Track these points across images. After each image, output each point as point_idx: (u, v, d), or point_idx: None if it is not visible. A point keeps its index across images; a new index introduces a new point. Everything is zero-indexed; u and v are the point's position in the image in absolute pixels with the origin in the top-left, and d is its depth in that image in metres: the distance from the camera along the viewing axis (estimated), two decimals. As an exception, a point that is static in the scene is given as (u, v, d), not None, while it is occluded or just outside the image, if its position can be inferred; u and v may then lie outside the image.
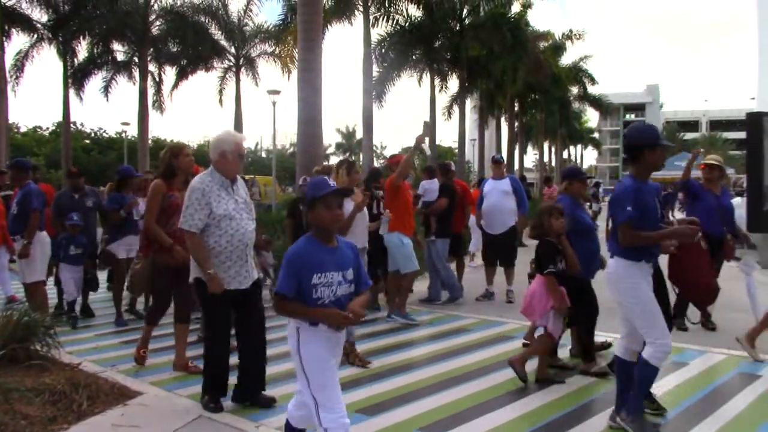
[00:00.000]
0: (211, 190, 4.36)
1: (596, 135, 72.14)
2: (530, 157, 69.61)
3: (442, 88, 27.29)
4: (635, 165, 3.89)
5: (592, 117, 64.88)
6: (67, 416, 4.17)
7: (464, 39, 25.25)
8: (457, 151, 29.26)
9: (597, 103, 43.72)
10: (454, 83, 27.92)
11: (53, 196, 8.19)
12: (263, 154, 66.20)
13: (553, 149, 54.99)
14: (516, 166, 40.31)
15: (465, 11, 25.55)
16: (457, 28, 25.53)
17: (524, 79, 29.09)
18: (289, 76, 27.46)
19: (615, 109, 44.70)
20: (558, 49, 34.79)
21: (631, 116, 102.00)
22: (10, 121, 25.05)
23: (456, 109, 28.94)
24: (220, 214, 4.34)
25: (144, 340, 5.57)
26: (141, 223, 7.32)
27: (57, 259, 7.32)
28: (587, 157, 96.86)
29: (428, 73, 26.33)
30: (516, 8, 26.69)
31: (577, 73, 39.14)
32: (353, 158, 69.31)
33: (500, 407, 4.49)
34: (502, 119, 38.09)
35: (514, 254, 8.71)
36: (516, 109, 37.76)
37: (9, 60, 22.56)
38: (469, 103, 31.26)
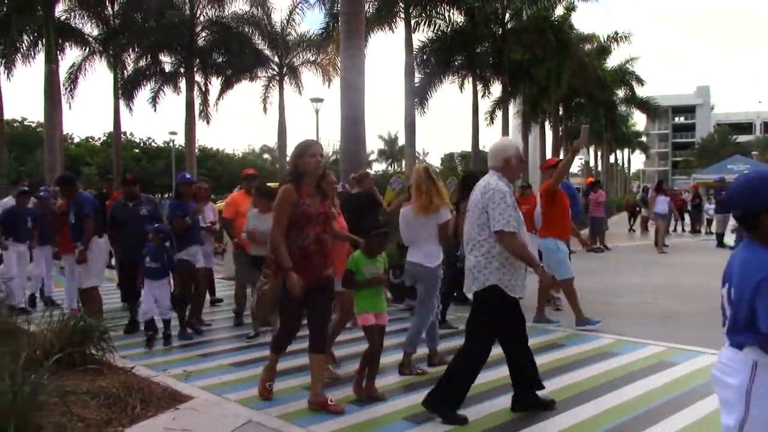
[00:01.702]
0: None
1: (644, 138, 70.61)
2: (575, 162, 68.57)
3: (484, 93, 27.16)
4: (757, 233, 2.33)
5: (639, 120, 63.65)
6: (122, 419, 4.28)
7: (507, 43, 25.12)
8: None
9: (644, 105, 42.90)
10: (496, 88, 27.80)
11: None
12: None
13: (599, 153, 54.09)
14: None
15: (507, 15, 25.40)
16: (500, 32, 25.39)
17: (568, 82, 28.75)
18: (330, 84, 27.76)
19: (663, 112, 43.81)
20: (603, 51, 34.25)
21: (680, 119, 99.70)
22: (65, 132, 25.82)
23: (499, 114, 28.74)
24: (518, 217, 4.25)
25: (269, 371, 4.88)
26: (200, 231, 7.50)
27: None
28: (635, 161, 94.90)
29: (470, 79, 26.24)
30: (559, 11, 26.42)
31: (624, 76, 38.48)
32: (396, 165, 69.62)
33: (554, 415, 4.42)
34: (546, 124, 37.66)
35: None
36: (560, 113, 37.29)
37: (63, 73, 23.32)
38: (512, 108, 30.97)
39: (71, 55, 48.44)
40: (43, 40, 21.19)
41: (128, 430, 4.13)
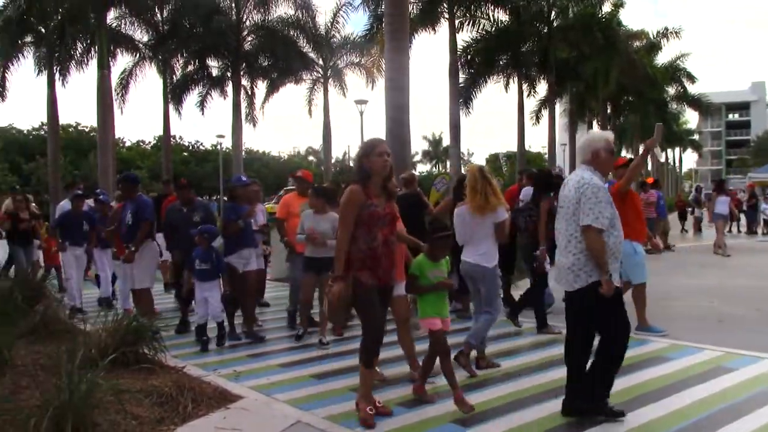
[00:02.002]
0: None
1: (696, 137, 68.73)
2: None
3: (530, 92, 26.89)
4: None
5: (691, 118, 61.99)
6: (174, 418, 4.35)
7: (553, 41, 24.77)
8: (546, 156, 28.63)
9: (696, 103, 41.69)
10: (542, 87, 27.46)
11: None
12: (351, 163, 67.20)
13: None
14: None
15: (553, 13, 25.05)
16: (545, 30, 25.05)
17: (617, 80, 28.14)
18: (373, 86, 27.85)
19: (716, 109, 42.45)
20: (653, 48, 33.47)
21: (734, 116, 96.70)
22: (117, 136, 26.54)
23: (545, 113, 28.39)
24: (613, 212, 4.16)
25: (366, 389, 4.42)
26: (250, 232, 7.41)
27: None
28: (686, 160, 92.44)
29: (515, 78, 25.97)
30: (607, 8, 25.93)
31: (674, 72, 37.52)
32: (440, 166, 69.42)
33: (605, 421, 4.32)
34: (594, 122, 36.99)
35: None
36: (608, 111, 36.59)
37: (114, 79, 23.97)
38: (558, 107, 30.57)
39: (122, 61, 49.85)
40: (96, 47, 21.83)
41: (180, 429, 4.20)
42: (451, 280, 4.95)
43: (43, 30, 22.76)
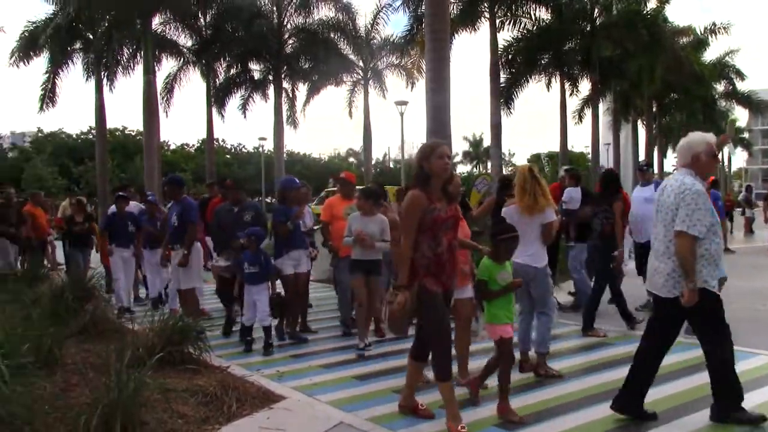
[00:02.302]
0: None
1: (746, 135, 66.69)
2: (670, 161, 65.76)
3: (572, 91, 26.42)
4: None
5: (740, 116, 60.17)
6: (218, 417, 4.40)
7: (596, 39, 24.31)
8: (589, 156, 28.16)
9: (746, 100, 40.38)
10: (585, 86, 26.97)
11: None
12: (391, 165, 67.30)
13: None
14: (655, 171, 38.12)
15: (596, 11, 24.60)
16: (588, 28, 24.61)
17: (662, 78, 27.48)
18: (413, 87, 27.78)
19: (767, 107, 41.01)
20: (700, 44, 32.54)
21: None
22: (162, 140, 27.07)
23: (588, 112, 27.89)
24: (713, 220, 4.04)
25: (451, 405, 4.21)
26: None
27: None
28: (736, 159, 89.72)
29: (558, 77, 25.59)
30: (652, 4, 25.31)
31: (723, 69, 36.43)
32: (480, 166, 68.98)
33: (656, 426, 4.21)
34: (639, 121, 36.22)
35: None
36: (654, 110, 35.78)
37: (160, 83, 24.44)
38: (602, 106, 29.97)
39: (167, 65, 51.10)
40: (142, 53, 22.30)
41: (225, 428, 4.25)
42: (519, 279, 4.86)
43: (91, 37, 23.30)
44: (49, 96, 23.96)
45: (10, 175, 42.39)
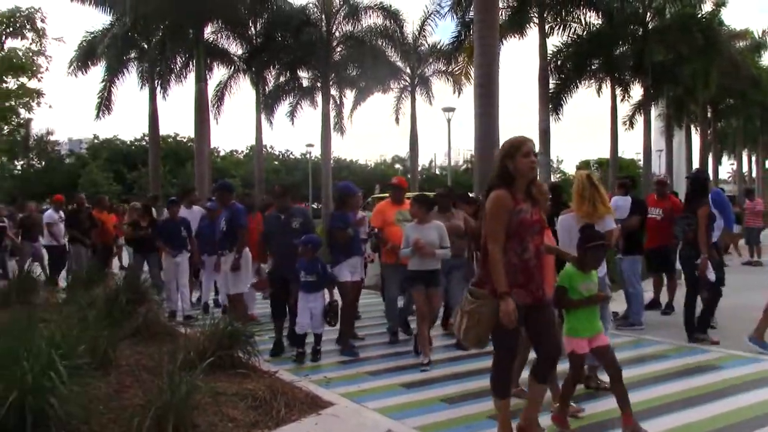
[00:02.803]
0: None
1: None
2: (725, 168, 63.82)
3: (624, 96, 25.88)
4: None
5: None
6: (267, 421, 4.44)
7: (648, 44, 23.78)
8: (641, 163, 27.52)
9: (806, 105, 38.92)
10: (636, 91, 26.38)
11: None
12: (437, 171, 67.13)
13: (753, 158, 49.81)
14: (710, 178, 36.97)
15: (649, 15, 24.07)
16: (640, 32, 24.10)
17: (718, 82, 26.68)
18: (459, 93, 27.64)
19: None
20: (758, 47, 31.58)
21: None
22: (212, 146, 27.59)
23: (639, 118, 27.29)
24: None
25: (505, 426, 3.97)
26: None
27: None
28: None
29: (608, 82, 25.12)
30: (707, 7, 24.65)
31: (782, 73, 35.18)
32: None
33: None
34: (693, 127, 35.24)
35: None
36: (708, 115, 34.78)
37: (210, 91, 24.94)
38: (654, 112, 29.28)
39: (218, 73, 52.49)
40: (194, 61, 22.83)
41: (274, 432, 4.28)
42: (605, 293, 4.59)
43: (145, 46, 23.99)
44: (105, 104, 24.75)
45: (67, 180, 43.93)
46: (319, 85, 27.05)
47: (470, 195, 9.04)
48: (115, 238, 12.94)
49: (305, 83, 27.98)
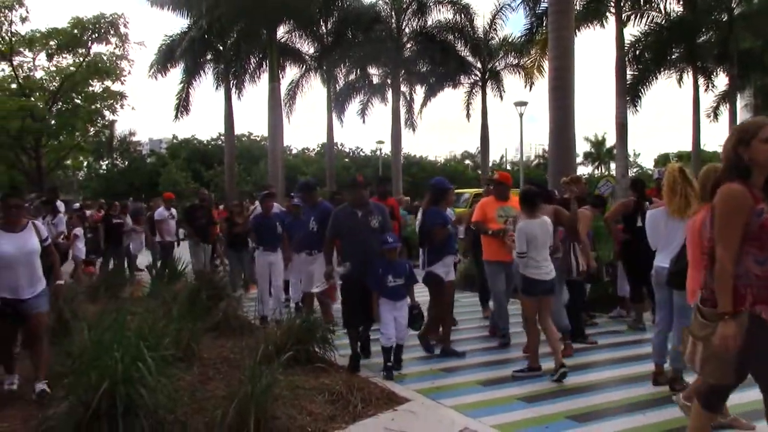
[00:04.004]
0: None
1: None
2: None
3: (707, 87, 24.81)
4: None
5: None
6: (345, 416, 4.48)
7: (734, 30, 22.68)
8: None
9: None
10: (721, 80, 25.25)
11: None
12: (508, 166, 66.22)
13: None
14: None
15: (734, 0, 22.94)
16: (725, 19, 23.01)
17: (811, 70, 25.21)
18: (531, 87, 27.14)
19: None
20: None
21: None
22: (284, 144, 28.14)
23: (723, 109, 26.09)
24: None
25: None
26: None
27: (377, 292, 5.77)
28: None
29: (690, 72, 24.13)
30: (801, -11, 23.26)
31: None
32: (602, 167, 66.38)
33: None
34: (782, 117, 33.35)
35: None
36: (801, 105, 32.88)
37: (283, 90, 25.42)
38: (740, 102, 27.89)
39: (290, 73, 53.60)
40: (267, 61, 23.33)
41: (352, 427, 4.31)
42: None
43: (221, 48, 24.71)
44: (183, 105, 25.65)
45: (148, 179, 45.73)
46: (389, 81, 27.16)
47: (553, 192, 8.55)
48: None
49: (375, 80, 28.19)
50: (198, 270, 9.85)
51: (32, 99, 23.07)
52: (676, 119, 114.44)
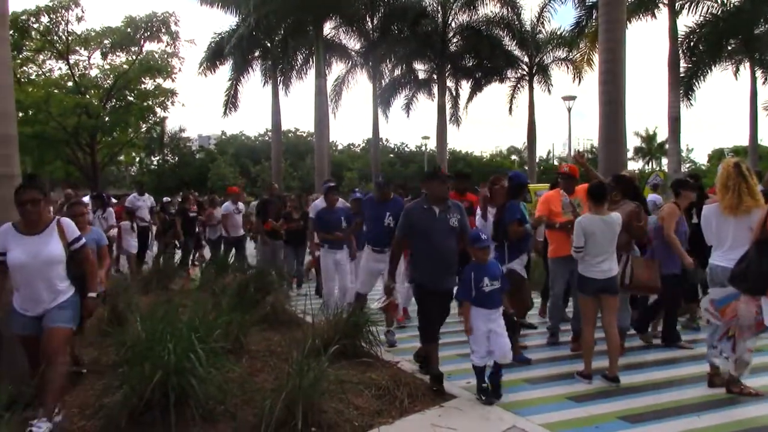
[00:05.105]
0: None
1: None
2: None
3: (765, 79, 23.91)
4: None
5: None
6: (391, 411, 4.50)
7: (794, 21, 21.80)
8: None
9: None
10: (781, 72, 24.29)
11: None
12: (555, 162, 65.19)
13: None
14: None
15: (796, -12, 22.03)
16: (786, 8, 22.11)
17: None
18: (580, 81, 26.63)
19: None
20: None
21: None
22: (330, 140, 28.34)
23: (784, 102, 25.13)
24: None
25: None
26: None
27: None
28: None
29: (747, 64, 23.31)
30: None
31: None
32: (653, 163, 64.77)
33: None
34: None
35: None
36: None
37: (329, 86, 25.59)
38: (801, 95, 26.86)
39: (336, 69, 53.95)
40: (313, 58, 23.50)
41: (398, 422, 4.33)
42: None
43: (268, 44, 24.99)
44: (231, 101, 26.07)
45: (197, 174, 46.68)
46: (434, 76, 27.02)
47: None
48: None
49: (421, 75, 28.09)
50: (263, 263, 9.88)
51: (87, 96, 23.80)
52: (732, 113, 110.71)
